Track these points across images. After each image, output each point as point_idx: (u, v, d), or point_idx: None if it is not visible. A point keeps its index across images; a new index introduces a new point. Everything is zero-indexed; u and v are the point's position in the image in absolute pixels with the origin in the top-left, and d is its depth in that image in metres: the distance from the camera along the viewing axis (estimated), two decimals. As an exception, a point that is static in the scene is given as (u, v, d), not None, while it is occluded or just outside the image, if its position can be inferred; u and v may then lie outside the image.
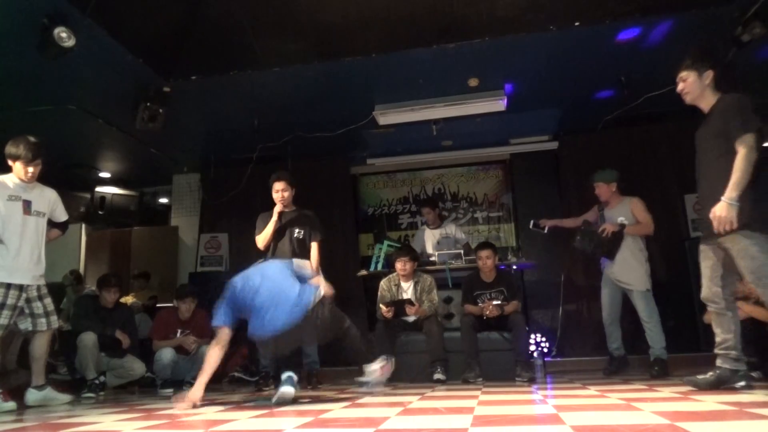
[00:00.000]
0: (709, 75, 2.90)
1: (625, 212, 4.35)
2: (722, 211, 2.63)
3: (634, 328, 4.49)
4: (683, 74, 2.97)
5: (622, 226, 4.27)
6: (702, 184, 2.92)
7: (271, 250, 4.35)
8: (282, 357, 3.07)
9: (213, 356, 2.98)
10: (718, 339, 2.91)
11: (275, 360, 3.06)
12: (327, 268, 6.16)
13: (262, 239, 4.39)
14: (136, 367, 4.56)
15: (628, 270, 4.26)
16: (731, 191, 2.63)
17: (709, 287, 2.92)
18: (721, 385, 2.79)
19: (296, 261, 4.19)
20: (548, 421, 1.90)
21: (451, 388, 3.62)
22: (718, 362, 2.86)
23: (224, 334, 3.00)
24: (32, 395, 3.44)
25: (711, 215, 2.68)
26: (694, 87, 2.94)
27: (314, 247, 4.41)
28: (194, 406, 2.84)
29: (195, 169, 7.03)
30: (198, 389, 2.90)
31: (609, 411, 2.12)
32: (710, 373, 2.83)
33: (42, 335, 3.52)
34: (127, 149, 6.23)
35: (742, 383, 2.76)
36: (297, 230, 4.34)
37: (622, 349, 4.41)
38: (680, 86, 3.00)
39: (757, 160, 2.66)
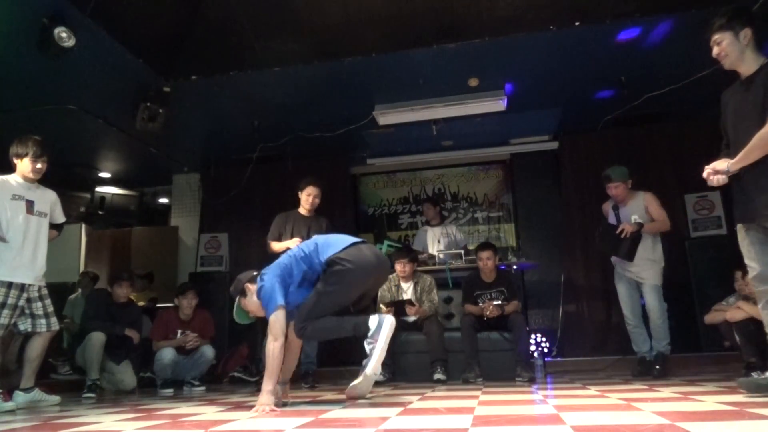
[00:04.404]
0: (747, 34, 2.54)
1: (638, 209, 4.24)
2: (715, 166, 2.52)
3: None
4: (717, 36, 2.60)
5: (640, 225, 4.14)
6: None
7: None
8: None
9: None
10: None
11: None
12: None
13: (275, 248, 4.45)
14: (127, 380, 4.50)
15: (643, 263, 4.16)
16: (734, 163, 2.46)
17: (760, 268, 2.53)
18: None
19: None
20: (548, 421, 1.89)
21: (451, 388, 3.62)
22: None
23: None
24: (20, 397, 3.43)
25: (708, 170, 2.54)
26: (732, 48, 2.57)
27: None
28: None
29: (195, 169, 7.03)
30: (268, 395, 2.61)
31: (609, 411, 2.12)
32: None
33: (39, 337, 3.52)
34: (127, 149, 6.23)
35: None
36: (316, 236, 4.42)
37: (651, 351, 4.18)
38: (715, 50, 2.63)
39: None
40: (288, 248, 4.36)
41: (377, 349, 2.60)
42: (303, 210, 4.55)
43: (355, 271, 2.74)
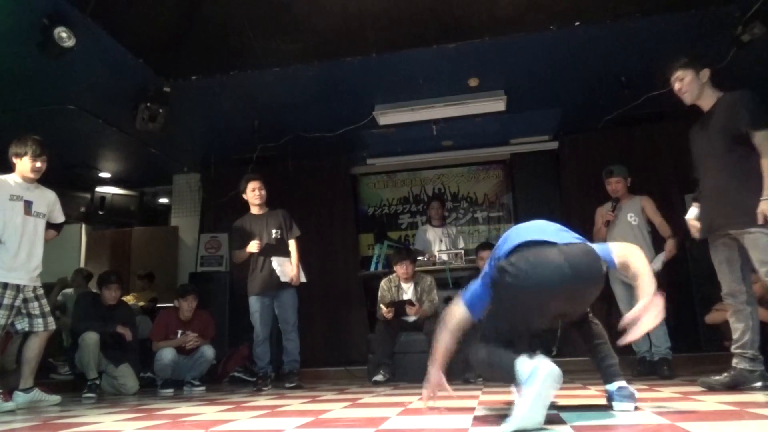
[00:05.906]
0: (705, 73, 2.88)
1: (636, 210, 4.31)
2: (690, 222, 2.70)
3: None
4: (679, 73, 2.93)
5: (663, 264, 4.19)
6: (707, 182, 2.89)
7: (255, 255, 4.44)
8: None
9: None
10: (735, 336, 2.79)
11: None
12: (327, 267, 6.22)
13: (238, 258, 4.46)
14: (129, 384, 4.45)
15: None
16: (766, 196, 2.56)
17: (729, 283, 2.84)
18: (738, 386, 2.67)
19: (276, 259, 4.30)
20: (549, 421, 1.89)
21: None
22: (735, 362, 2.74)
23: None
24: (19, 398, 3.43)
25: (759, 214, 2.56)
26: (692, 86, 2.90)
27: (293, 243, 4.53)
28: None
29: (195, 169, 7.03)
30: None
31: (609, 411, 2.12)
32: (725, 374, 2.72)
33: (37, 336, 3.51)
34: (127, 149, 6.23)
35: (759, 383, 2.65)
36: (274, 231, 4.48)
37: (651, 352, 4.18)
38: (677, 86, 2.96)
39: None
40: (252, 253, 4.36)
41: (523, 405, 1.70)
42: (255, 209, 4.55)
43: (524, 287, 1.94)
